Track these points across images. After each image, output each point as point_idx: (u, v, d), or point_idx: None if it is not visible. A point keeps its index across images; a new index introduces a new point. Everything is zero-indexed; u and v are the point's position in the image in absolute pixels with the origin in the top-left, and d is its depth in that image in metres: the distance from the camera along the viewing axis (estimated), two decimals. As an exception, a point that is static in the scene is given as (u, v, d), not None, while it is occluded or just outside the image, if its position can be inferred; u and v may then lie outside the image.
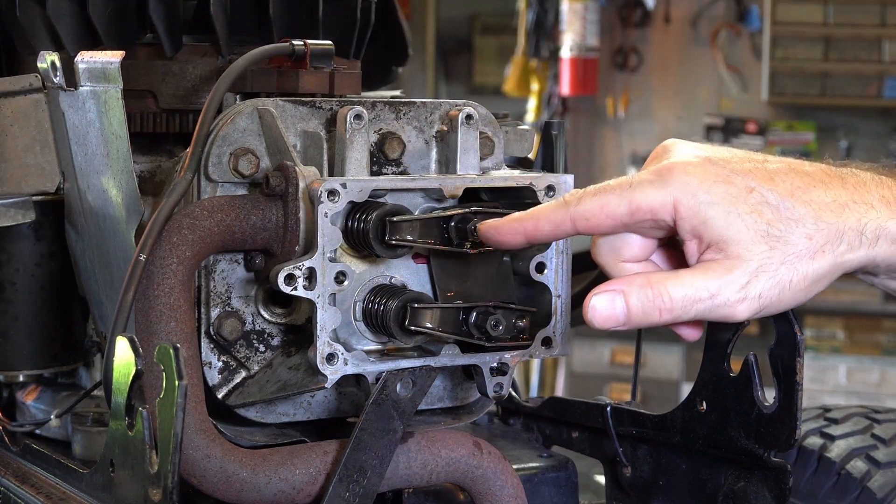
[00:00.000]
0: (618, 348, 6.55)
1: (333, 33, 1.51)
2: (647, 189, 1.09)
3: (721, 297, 1.07)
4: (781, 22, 6.53)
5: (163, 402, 1.01)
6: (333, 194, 1.16)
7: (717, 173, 1.08)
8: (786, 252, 1.07)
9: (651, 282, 1.09)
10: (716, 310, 1.08)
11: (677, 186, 1.08)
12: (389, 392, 1.20)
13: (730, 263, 1.07)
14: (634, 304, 1.09)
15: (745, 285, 1.07)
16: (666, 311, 1.09)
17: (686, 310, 1.08)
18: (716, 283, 1.07)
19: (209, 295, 1.26)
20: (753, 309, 1.08)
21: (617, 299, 1.10)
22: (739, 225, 1.07)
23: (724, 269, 1.07)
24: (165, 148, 1.48)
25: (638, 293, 1.09)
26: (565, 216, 1.11)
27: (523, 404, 1.61)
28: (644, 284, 1.09)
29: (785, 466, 1.26)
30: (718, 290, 1.07)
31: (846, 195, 1.09)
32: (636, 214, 1.09)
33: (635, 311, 1.09)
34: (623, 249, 1.14)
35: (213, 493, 1.18)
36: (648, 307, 1.09)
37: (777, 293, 1.08)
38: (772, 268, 1.07)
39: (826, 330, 6.41)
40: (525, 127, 1.50)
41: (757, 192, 1.08)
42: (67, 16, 1.45)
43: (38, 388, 1.55)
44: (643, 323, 1.10)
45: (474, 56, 8.00)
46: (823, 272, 1.08)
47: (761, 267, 1.07)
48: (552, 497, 1.44)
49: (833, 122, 6.71)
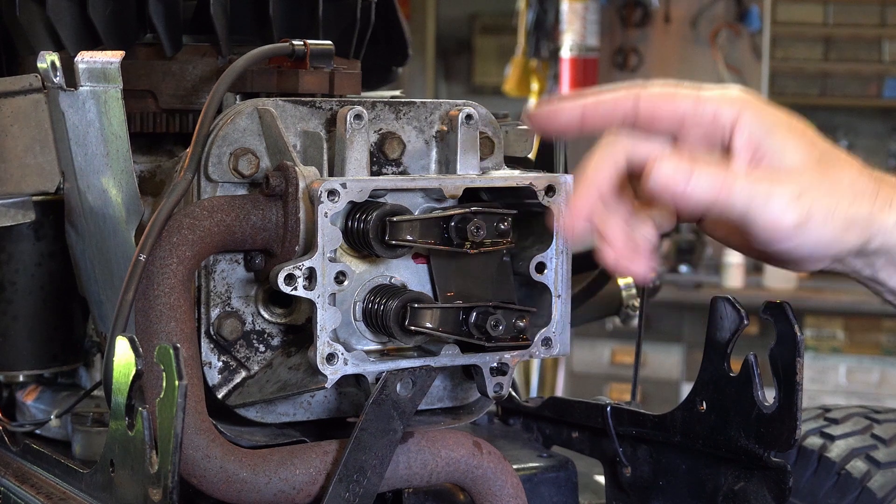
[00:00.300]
0: (618, 348, 6.55)
1: (333, 33, 1.51)
2: (715, 93, 1.13)
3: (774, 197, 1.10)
4: (781, 22, 6.53)
5: (163, 402, 1.01)
6: (333, 194, 1.16)
7: (779, 111, 1.14)
8: (834, 181, 1.11)
9: (718, 164, 1.11)
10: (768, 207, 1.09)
11: (745, 102, 1.13)
12: (389, 392, 1.20)
13: (785, 175, 1.11)
14: (703, 181, 1.10)
15: (798, 195, 1.10)
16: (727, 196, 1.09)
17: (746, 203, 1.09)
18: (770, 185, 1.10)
19: (209, 295, 1.26)
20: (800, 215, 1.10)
21: (683, 167, 1.10)
22: (797, 145, 1.12)
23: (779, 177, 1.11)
24: (165, 148, 1.48)
25: (706, 170, 1.10)
26: (631, 93, 1.13)
27: (523, 404, 1.61)
28: (710, 163, 1.11)
29: (785, 466, 1.26)
30: (772, 191, 1.10)
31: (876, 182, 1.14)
32: (699, 107, 1.12)
33: (701, 187, 1.10)
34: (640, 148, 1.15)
35: (213, 493, 1.18)
36: (717, 187, 1.10)
37: (821, 215, 1.10)
38: (819, 193, 1.10)
39: (826, 330, 6.41)
40: (525, 127, 1.50)
41: (811, 133, 1.13)
42: (67, 16, 1.45)
43: (38, 388, 1.55)
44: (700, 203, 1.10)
45: (474, 56, 8.00)
46: (859, 218, 1.11)
47: (812, 185, 1.10)
48: (552, 497, 1.44)
49: (833, 122, 6.71)
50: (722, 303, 1.29)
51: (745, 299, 1.34)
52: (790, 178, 1.11)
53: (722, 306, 1.29)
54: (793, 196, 1.10)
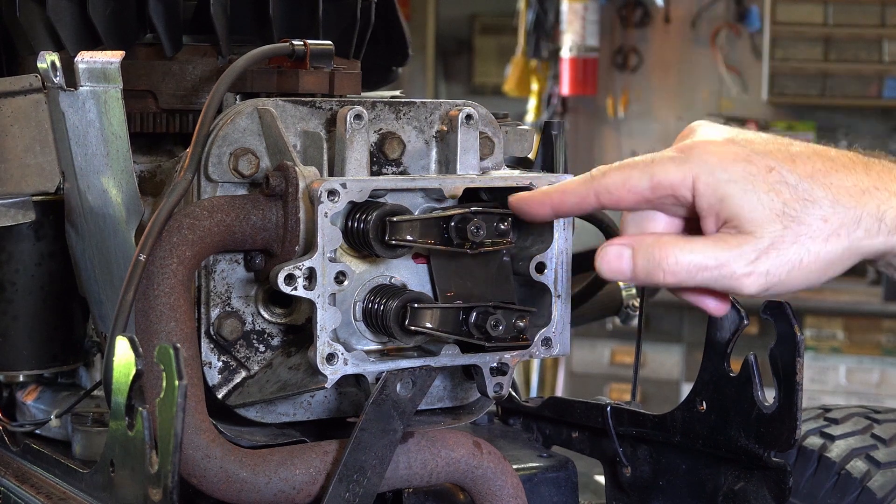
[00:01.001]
0: (618, 348, 6.55)
1: (333, 33, 1.51)
2: (668, 165, 1.11)
3: (728, 268, 1.08)
4: (781, 22, 6.53)
5: (163, 402, 1.01)
6: (333, 194, 1.16)
7: (738, 152, 1.10)
8: (799, 232, 1.08)
9: (660, 242, 1.11)
10: (721, 280, 1.09)
11: (697, 164, 1.10)
12: (389, 392, 1.20)
13: (742, 238, 1.08)
14: (640, 262, 1.11)
15: (753, 260, 1.08)
16: (670, 274, 1.10)
17: (692, 275, 1.10)
18: (725, 253, 1.08)
19: (209, 295, 1.26)
20: (760, 284, 1.08)
21: (625, 253, 1.12)
22: (755, 203, 1.08)
23: (736, 242, 1.09)
24: (165, 148, 1.48)
25: (645, 251, 1.11)
26: (589, 189, 1.13)
27: (523, 404, 1.61)
28: (653, 244, 1.11)
29: (785, 466, 1.26)
30: (727, 260, 1.08)
31: (868, 181, 1.10)
32: (657, 190, 1.11)
33: (640, 268, 1.11)
34: (649, 226, 1.15)
35: (213, 493, 1.18)
36: (653, 267, 1.11)
37: (786, 271, 1.08)
38: (783, 246, 1.08)
39: (826, 330, 6.41)
40: (525, 127, 1.50)
41: (776, 171, 1.09)
42: (67, 16, 1.45)
43: (38, 388, 1.55)
44: (647, 281, 1.12)
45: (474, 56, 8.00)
46: (837, 255, 1.09)
47: (773, 245, 1.08)
48: (552, 497, 1.44)
49: (833, 122, 6.71)
50: (722, 303, 1.29)
51: (745, 299, 1.34)
52: (748, 239, 1.08)
53: (722, 306, 1.29)
54: (748, 261, 1.08)
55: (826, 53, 6.52)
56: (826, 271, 1.09)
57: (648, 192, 1.11)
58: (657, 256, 1.10)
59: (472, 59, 8.00)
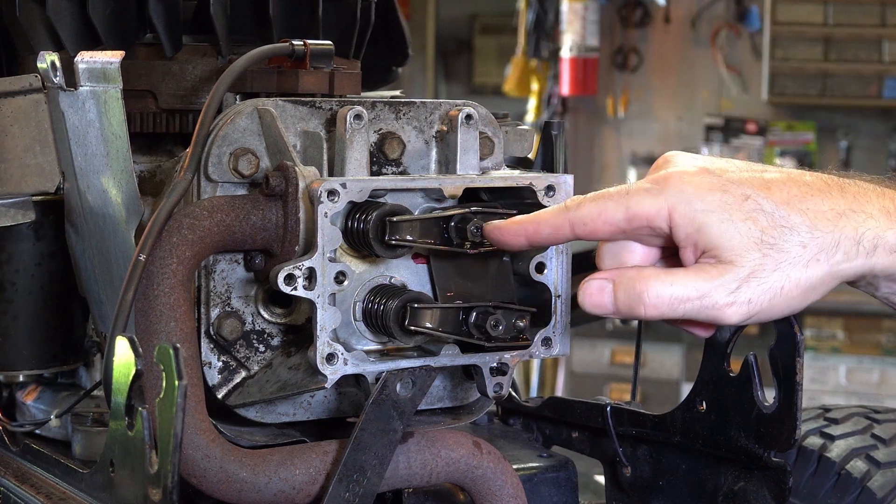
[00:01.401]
0: (618, 348, 6.55)
1: (333, 33, 1.51)
2: (643, 196, 1.10)
3: (709, 299, 1.08)
4: (781, 22, 6.53)
5: (163, 402, 1.01)
6: (333, 194, 1.16)
7: (713, 182, 1.10)
8: (779, 259, 1.08)
9: (641, 276, 1.11)
10: (704, 311, 1.09)
11: (672, 194, 1.09)
12: (389, 392, 1.20)
13: (722, 268, 1.08)
14: (621, 296, 1.11)
15: (734, 290, 1.08)
16: (651, 307, 1.10)
17: (673, 308, 1.10)
18: (706, 284, 1.08)
19: (209, 295, 1.26)
20: (742, 313, 1.09)
21: (606, 288, 1.12)
22: (733, 232, 1.08)
23: (717, 272, 1.08)
24: (165, 148, 1.48)
25: (626, 286, 1.11)
26: (564, 220, 1.13)
27: (523, 404, 1.61)
28: (633, 278, 1.11)
29: (785, 466, 1.26)
30: (707, 291, 1.08)
31: (845, 204, 1.10)
32: (633, 221, 1.11)
33: (621, 303, 1.12)
34: (625, 256, 1.15)
35: (213, 493, 1.18)
36: (634, 301, 1.11)
37: (768, 299, 1.08)
38: (763, 274, 1.08)
39: (826, 330, 6.41)
40: (525, 127, 1.50)
41: (752, 199, 1.09)
42: (67, 16, 1.45)
43: (38, 388, 1.55)
44: (629, 315, 1.12)
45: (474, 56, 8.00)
46: (817, 280, 1.09)
47: (753, 273, 1.08)
48: (552, 497, 1.44)
49: (833, 122, 6.71)
50: (722, 303, 1.29)
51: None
52: (728, 269, 1.08)
53: (722, 306, 1.29)
54: (729, 291, 1.08)
55: (826, 53, 6.52)
56: (807, 297, 1.10)
57: (624, 223, 1.11)
58: (637, 290, 1.10)
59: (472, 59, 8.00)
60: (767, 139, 6.75)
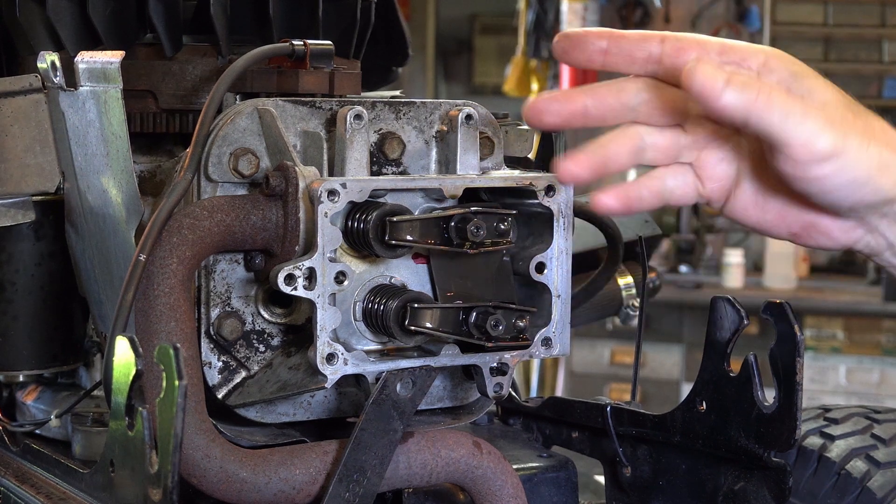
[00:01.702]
0: (618, 348, 6.55)
1: (333, 33, 1.51)
2: (742, 44, 1.12)
3: (811, 116, 1.08)
4: (781, 22, 6.53)
5: (163, 402, 1.01)
6: (333, 194, 1.16)
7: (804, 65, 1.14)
8: (865, 123, 1.11)
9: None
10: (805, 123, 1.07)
11: (771, 52, 1.12)
12: (389, 392, 1.20)
13: (819, 105, 1.10)
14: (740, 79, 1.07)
15: (832, 119, 1.09)
16: (764, 94, 1.07)
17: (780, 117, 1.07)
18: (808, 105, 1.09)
19: (209, 295, 1.26)
20: (835, 139, 1.08)
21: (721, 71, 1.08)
22: (825, 89, 1.11)
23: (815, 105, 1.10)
24: (165, 148, 1.48)
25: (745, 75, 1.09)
26: (655, 34, 1.12)
27: (523, 404, 1.61)
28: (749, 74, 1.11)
29: (785, 466, 1.26)
30: (809, 110, 1.08)
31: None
32: (726, 52, 1.11)
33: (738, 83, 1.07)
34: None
35: (213, 493, 1.18)
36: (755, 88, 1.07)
37: (856, 145, 1.09)
38: (855, 126, 1.10)
39: (826, 330, 6.41)
40: (525, 127, 1.50)
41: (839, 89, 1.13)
42: (67, 16, 1.45)
43: (38, 388, 1.55)
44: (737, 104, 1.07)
45: (474, 56, 8.01)
46: (893, 163, 1.10)
47: (845, 119, 1.10)
48: (552, 497, 1.44)
49: (833, 122, 6.70)
50: (722, 303, 1.29)
51: (745, 299, 1.34)
52: (825, 108, 1.09)
53: (722, 306, 1.29)
54: (829, 120, 1.08)
55: (826, 53, 6.52)
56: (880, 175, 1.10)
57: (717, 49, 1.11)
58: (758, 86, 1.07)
59: (472, 59, 8.01)
60: (767, 139, 6.73)
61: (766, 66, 1.11)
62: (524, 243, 1.28)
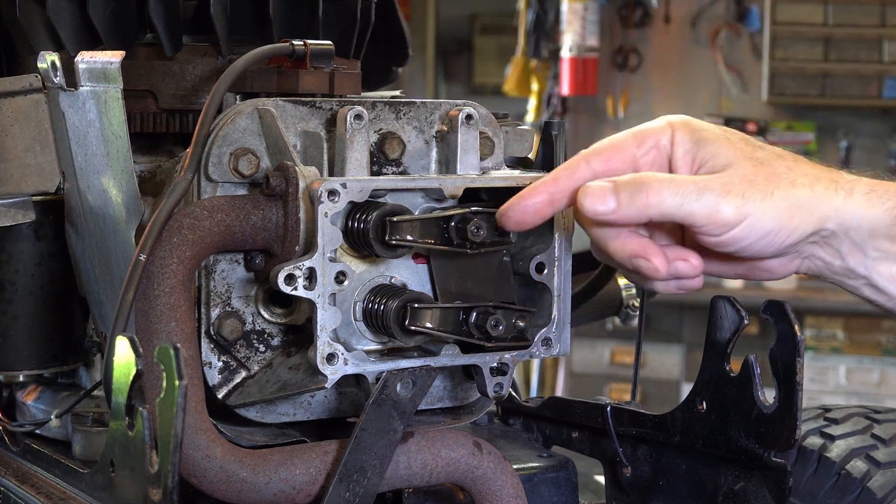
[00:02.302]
0: (618, 348, 6.55)
1: (333, 33, 1.51)
2: (652, 125, 1.21)
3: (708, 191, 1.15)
4: (781, 22, 6.53)
5: (163, 402, 1.01)
6: (333, 194, 1.16)
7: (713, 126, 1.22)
8: (769, 172, 1.17)
9: (642, 176, 1.18)
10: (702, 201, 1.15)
11: (676, 124, 1.21)
12: (389, 392, 1.20)
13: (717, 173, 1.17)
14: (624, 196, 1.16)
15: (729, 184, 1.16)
16: (654, 195, 1.16)
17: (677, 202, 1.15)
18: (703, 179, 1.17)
19: (209, 295, 1.26)
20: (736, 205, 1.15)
21: (608, 188, 1.17)
22: (728, 148, 1.18)
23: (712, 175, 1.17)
24: (165, 148, 1.48)
25: (627, 183, 1.17)
26: (578, 159, 1.20)
27: (523, 404, 1.61)
28: (634, 177, 1.18)
29: (785, 466, 1.26)
30: (706, 184, 1.16)
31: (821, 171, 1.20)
32: (641, 143, 1.19)
33: (624, 200, 1.16)
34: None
35: (213, 493, 1.18)
36: (638, 195, 1.16)
37: (759, 199, 1.15)
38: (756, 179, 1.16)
39: (826, 330, 6.41)
40: (525, 127, 1.50)
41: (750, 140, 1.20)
42: (67, 16, 1.45)
43: (38, 388, 1.55)
44: (632, 211, 1.16)
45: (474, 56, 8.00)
46: (803, 200, 1.16)
47: (745, 177, 1.16)
48: (552, 497, 1.44)
49: (833, 122, 6.71)
50: (722, 303, 1.29)
51: (745, 299, 1.34)
52: (724, 173, 1.17)
53: (722, 306, 1.29)
54: (725, 188, 1.15)
55: (826, 53, 6.52)
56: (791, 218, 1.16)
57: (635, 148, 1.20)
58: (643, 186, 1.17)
59: (472, 59, 8.01)
60: (767, 139, 6.74)
61: (674, 141, 1.20)
62: (524, 243, 1.28)
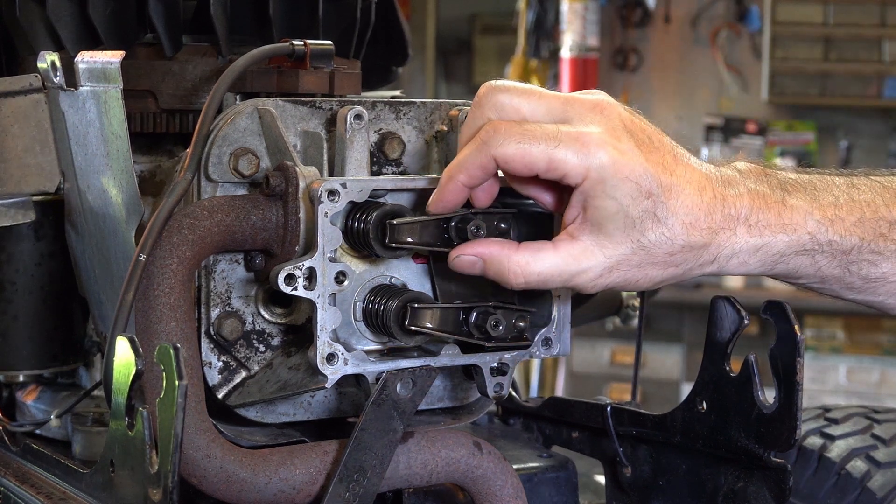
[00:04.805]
0: (618, 348, 6.56)
1: (333, 33, 1.51)
2: (569, 155, 1.14)
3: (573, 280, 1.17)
4: (781, 22, 6.53)
5: (163, 402, 1.01)
6: (333, 194, 1.16)
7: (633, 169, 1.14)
8: (643, 260, 1.16)
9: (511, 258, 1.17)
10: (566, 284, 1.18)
11: (596, 167, 1.14)
12: (389, 392, 1.20)
13: (594, 250, 1.16)
14: (491, 273, 1.18)
15: (596, 276, 1.16)
16: (520, 284, 1.17)
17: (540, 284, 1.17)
18: (572, 266, 1.16)
19: (209, 295, 1.26)
20: (599, 287, 1.18)
21: (477, 263, 1.19)
22: (620, 225, 1.15)
23: (584, 255, 1.16)
24: (165, 148, 1.48)
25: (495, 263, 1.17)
26: (489, 159, 1.15)
27: (523, 404, 1.61)
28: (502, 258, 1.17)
29: (785, 466, 1.26)
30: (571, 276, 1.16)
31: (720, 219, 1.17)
32: (550, 172, 1.15)
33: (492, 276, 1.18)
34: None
35: (213, 493, 1.18)
36: (503, 277, 1.17)
37: (622, 283, 1.18)
38: (626, 267, 1.16)
39: (826, 330, 6.42)
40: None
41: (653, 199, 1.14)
42: (67, 16, 1.45)
43: (38, 388, 1.55)
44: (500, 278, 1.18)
45: (474, 56, 8.00)
46: (667, 278, 1.19)
47: (617, 265, 1.16)
48: (552, 497, 1.44)
49: (833, 122, 6.72)
50: (722, 303, 1.29)
51: (745, 299, 1.34)
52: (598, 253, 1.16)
53: (722, 306, 1.29)
54: (590, 279, 1.16)
55: (826, 53, 6.52)
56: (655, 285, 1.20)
57: (543, 171, 1.15)
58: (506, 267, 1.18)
59: (472, 59, 8.01)
60: (767, 139, 6.75)
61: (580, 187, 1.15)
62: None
